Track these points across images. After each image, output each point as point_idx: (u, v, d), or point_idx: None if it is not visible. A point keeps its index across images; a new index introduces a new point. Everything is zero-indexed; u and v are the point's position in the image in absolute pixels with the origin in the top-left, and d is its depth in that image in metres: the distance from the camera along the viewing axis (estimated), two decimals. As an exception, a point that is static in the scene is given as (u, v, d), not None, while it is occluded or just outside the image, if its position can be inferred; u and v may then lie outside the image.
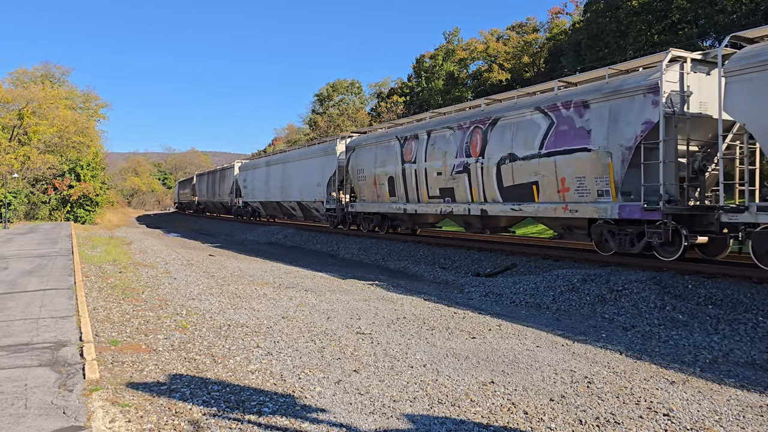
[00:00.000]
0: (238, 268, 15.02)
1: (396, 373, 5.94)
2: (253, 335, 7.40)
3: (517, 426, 4.63)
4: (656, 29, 31.01)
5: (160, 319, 8.19)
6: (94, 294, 10.14)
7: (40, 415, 4.40)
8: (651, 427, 4.63)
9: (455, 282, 13.56)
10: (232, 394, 5.19)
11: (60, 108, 42.49)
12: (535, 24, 52.26)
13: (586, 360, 6.60)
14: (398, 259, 17.85)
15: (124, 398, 4.97)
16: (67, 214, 41.58)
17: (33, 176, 40.41)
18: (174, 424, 4.50)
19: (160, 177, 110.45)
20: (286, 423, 4.55)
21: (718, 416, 4.91)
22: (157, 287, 11.17)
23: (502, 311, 9.78)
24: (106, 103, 56.59)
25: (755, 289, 9.43)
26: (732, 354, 7.06)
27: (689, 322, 8.67)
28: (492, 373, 6.00)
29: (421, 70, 60.58)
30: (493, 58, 52.39)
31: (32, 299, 9.19)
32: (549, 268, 13.34)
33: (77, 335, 6.83)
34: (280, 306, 9.55)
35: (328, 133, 60.06)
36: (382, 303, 10.06)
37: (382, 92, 72.38)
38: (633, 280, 10.49)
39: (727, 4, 27.17)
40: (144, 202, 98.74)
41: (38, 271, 12.58)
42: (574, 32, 39.04)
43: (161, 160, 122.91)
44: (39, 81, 47.08)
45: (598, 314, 9.64)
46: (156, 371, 5.80)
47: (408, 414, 4.82)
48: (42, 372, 5.44)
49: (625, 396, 5.35)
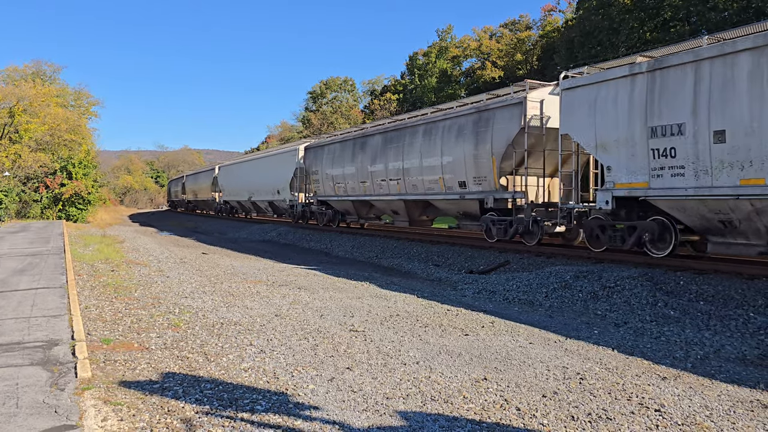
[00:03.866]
0: (232, 266, 14.99)
1: (389, 370, 5.95)
2: (246, 333, 7.38)
3: (509, 422, 4.65)
4: (648, 27, 31.08)
5: (153, 318, 8.16)
6: (86, 292, 10.10)
7: (32, 414, 4.38)
8: (643, 423, 4.66)
9: (448, 279, 13.58)
10: (224, 392, 5.18)
11: (51, 106, 42.15)
12: (528, 21, 52.34)
13: (578, 356, 6.63)
14: (392, 256, 17.86)
15: (116, 397, 4.96)
16: (59, 213, 41.31)
17: (24, 174, 40.10)
18: (166, 422, 4.49)
19: (152, 175, 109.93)
20: (279, 421, 4.55)
21: (709, 411, 4.94)
22: (150, 285, 11.13)
23: (495, 308, 9.80)
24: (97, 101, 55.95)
25: (746, 285, 9.50)
26: (723, 350, 7.11)
27: (681, 319, 8.72)
28: (485, 370, 6.02)
29: (415, 68, 60.55)
30: (486, 56, 52.43)
31: (24, 298, 9.14)
32: (542, 265, 13.39)
33: (69, 334, 6.80)
34: (273, 304, 9.53)
35: (321, 131, 59.98)
36: (375, 300, 10.06)
37: (375, 90, 72.33)
38: (625, 277, 10.54)
39: (718, 2, 27.28)
40: (137, 200, 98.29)
41: (30, 270, 12.51)
42: (567, 30, 39.10)
43: (154, 158, 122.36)
44: (30, 78, 46.64)
45: (590, 311, 9.68)
46: (148, 370, 5.78)
47: (401, 411, 4.83)
48: (33, 371, 5.41)
49: (617, 392, 5.38)
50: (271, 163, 32.44)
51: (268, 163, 33.06)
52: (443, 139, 17.23)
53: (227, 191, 41.70)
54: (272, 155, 33.58)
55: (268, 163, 33.24)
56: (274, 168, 31.36)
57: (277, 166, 31.02)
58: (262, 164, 34.41)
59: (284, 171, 29.56)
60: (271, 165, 32.15)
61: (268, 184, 32.32)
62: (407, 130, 19.32)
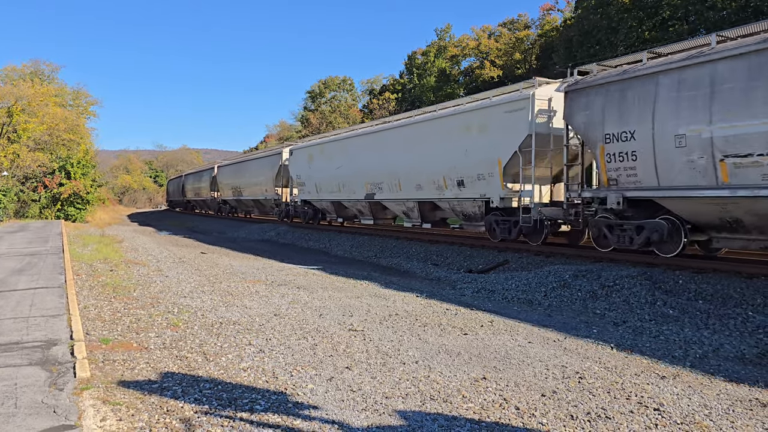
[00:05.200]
0: (230, 266, 14.98)
1: (388, 369, 5.95)
2: (245, 333, 7.38)
3: (509, 421, 4.65)
4: (647, 26, 31.07)
5: (152, 317, 8.16)
6: (85, 292, 10.09)
7: (30, 414, 4.37)
8: (642, 422, 4.66)
9: (447, 278, 13.58)
10: (224, 391, 5.18)
11: (50, 105, 42.07)
12: (526, 21, 52.33)
13: (577, 355, 6.63)
14: (391, 255, 17.86)
15: (115, 397, 4.95)
16: (57, 213, 41.24)
17: (23, 174, 40.05)
18: (166, 422, 4.49)
19: (151, 175, 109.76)
20: (278, 420, 4.55)
21: (708, 410, 4.95)
22: (149, 285, 11.12)
23: (494, 307, 9.80)
24: (96, 101, 55.86)
25: (745, 284, 9.50)
26: (722, 349, 7.11)
27: (680, 318, 8.72)
28: (484, 369, 6.02)
29: (413, 67, 60.50)
30: (484, 55, 52.41)
31: (22, 298, 9.12)
32: (541, 264, 13.39)
33: (68, 334, 6.79)
34: (272, 303, 9.53)
35: (320, 130, 59.96)
36: (374, 300, 10.06)
37: (374, 89, 72.24)
38: (624, 276, 10.54)
39: (717, 1, 27.30)
40: (135, 199, 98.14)
41: (28, 270, 12.50)
42: (566, 29, 39.10)
43: (152, 158, 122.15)
44: (28, 78, 46.56)
45: (589, 310, 9.68)
46: (147, 369, 5.77)
47: (400, 410, 4.83)
48: (32, 371, 5.40)
49: (616, 391, 5.38)
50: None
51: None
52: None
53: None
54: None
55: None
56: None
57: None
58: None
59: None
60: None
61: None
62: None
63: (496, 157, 14.99)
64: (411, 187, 18.82)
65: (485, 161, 15.39)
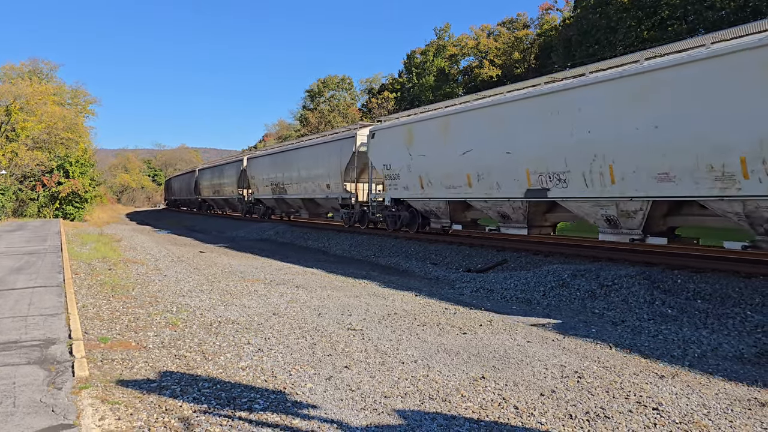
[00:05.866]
0: (229, 265, 14.97)
1: (387, 369, 5.95)
2: (244, 332, 7.37)
3: (507, 421, 4.65)
4: (646, 25, 31.12)
5: (150, 316, 8.15)
6: (83, 291, 10.08)
7: (29, 413, 4.36)
8: (640, 422, 4.66)
9: (446, 278, 13.58)
10: (222, 390, 5.17)
11: (48, 104, 41.99)
12: (525, 20, 52.40)
13: (576, 355, 6.63)
14: (389, 255, 17.85)
15: (113, 396, 4.95)
16: (56, 211, 41.18)
17: (21, 173, 39.97)
18: (164, 421, 4.48)
19: (150, 174, 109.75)
20: (277, 419, 4.55)
21: (707, 410, 4.95)
22: (147, 284, 11.11)
23: (492, 307, 9.81)
24: (94, 99, 55.94)
25: (743, 284, 9.51)
26: (720, 348, 7.12)
27: (678, 317, 8.73)
28: (483, 369, 6.02)
29: (412, 66, 60.53)
30: (483, 54, 52.45)
31: (21, 297, 9.11)
32: (539, 263, 13.40)
33: (66, 333, 6.78)
34: (271, 302, 9.52)
35: (319, 129, 59.92)
36: (373, 299, 10.06)
37: (373, 88, 72.25)
38: (623, 275, 10.55)
39: (715, 1, 27.32)
40: (134, 198, 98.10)
41: (27, 269, 12.48)
42: (565, 28, 39.13)
43: (151, 157, 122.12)
44: (27, 77, 46.54)
45: (588, 309, 9.69)
46: (146, 368, 5.77)
47: (399, 410, 4.83)
48: (31, 370, 5.40)
49: (614, 390, 5.38)
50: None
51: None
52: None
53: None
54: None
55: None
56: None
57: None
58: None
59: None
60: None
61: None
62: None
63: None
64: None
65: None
